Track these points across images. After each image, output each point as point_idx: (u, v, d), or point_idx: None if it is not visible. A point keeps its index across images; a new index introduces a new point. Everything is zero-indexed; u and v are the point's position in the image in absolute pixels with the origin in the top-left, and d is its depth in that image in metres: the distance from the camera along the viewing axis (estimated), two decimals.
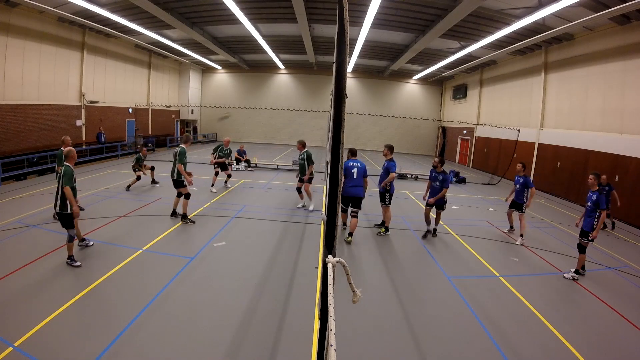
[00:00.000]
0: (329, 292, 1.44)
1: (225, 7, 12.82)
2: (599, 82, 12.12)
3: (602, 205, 5.58)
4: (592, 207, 5.67)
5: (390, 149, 7.43)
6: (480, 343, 3.94)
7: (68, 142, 6.75)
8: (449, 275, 5.67)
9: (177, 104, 26.07)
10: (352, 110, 24.44)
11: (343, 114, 1.57)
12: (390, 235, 7.45)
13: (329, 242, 1.64)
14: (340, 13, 1.64)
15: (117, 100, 19.04)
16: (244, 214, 8.33)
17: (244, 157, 15.45)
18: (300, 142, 8.87)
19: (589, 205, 5.73)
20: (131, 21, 14.77)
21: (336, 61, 1.76)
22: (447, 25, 12.80)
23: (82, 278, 4.72)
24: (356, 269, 5.67)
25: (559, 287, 5.54)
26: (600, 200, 5.59)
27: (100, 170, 13.52)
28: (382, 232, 7.41)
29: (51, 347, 3.35)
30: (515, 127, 16.78)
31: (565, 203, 12.66)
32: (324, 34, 17.01)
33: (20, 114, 13.11)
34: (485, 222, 9.08)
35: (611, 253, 7.37)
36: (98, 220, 7.22)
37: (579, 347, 3.90)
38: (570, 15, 10.83)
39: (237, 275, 5.17)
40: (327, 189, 1.72)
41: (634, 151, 10.43)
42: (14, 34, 12.58)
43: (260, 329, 3.89)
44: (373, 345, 3.76)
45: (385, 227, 7.43)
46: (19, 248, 5.68)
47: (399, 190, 12.70)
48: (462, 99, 24.46)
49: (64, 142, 6.71)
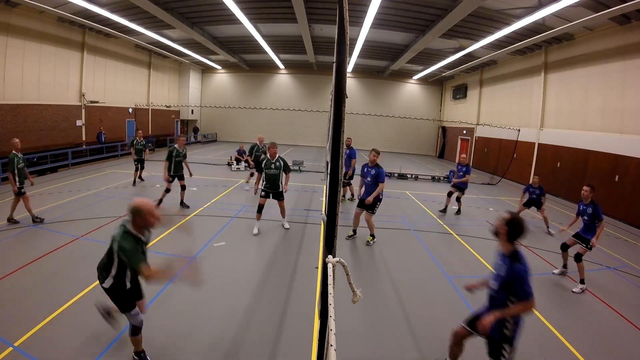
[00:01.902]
0: (329, 292, 1.44)
1: (225, 7, 12.82)
2: (599, 82, 12.12)
3: (600, 217, 5.31)
4: (591, 220, 5.37)
5: (378, 153, 6.83)
6: (480, 343, 3.94)
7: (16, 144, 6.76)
8: (449, 275, 5.67)
9: (177, 104, 26.08)
10: (352, 110, 24.45)
11: (343, 114, 1.57)
12: (390, 235, 7.44)
13: (329, 242, 1.64)
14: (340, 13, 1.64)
15: (117, 100, 19.04)
16: (244, 214, 8.33)
17: (244, 157, 15.44)
18: (274, 144, 7.06)
19: (586, 219, 5.42)
20: (131, 21, 14.77)
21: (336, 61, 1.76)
22: (447, 25, 12.80)
23: (82, 278, 4.72)
24: (356, 269, 5.67)
25: (558, 287, 5.54)
26: (598, 213, 5.31)
27: (100, 170, 13.52)
28: (370, 240, 6.86)
29: (51, 347, 3.35)
30: (515, 127, 16.78)
31: (565, 203, 12.66)
32: (324, 34, 17.01)
33: (20, 114, 13.12)
34: (485, 222, 9.08)
35: (611, 253, 7.37)
36: (98, 220, 7.22)
37: (579, 347, 3.90)
38: (570, 15, 10.83)
39: (237, 275, 5.17)
40: (327, 189, 1.72)
41: (634, 151, 10.43)
42: (14, 34, 12.58)
43: (260, 329, 3.89)
44: (373, 345, 3.76)
45: (372, 234, 6.91)
46: (19, 248, 5.68)
47: (399, 190, 12.71)
48: (462, 99, 24.46)
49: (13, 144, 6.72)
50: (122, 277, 3.03)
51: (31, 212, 6.86)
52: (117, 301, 3.11)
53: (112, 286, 3.04)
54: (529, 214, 10.30)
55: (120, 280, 3.03)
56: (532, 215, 10.13)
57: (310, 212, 8.87)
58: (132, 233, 2.90)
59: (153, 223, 2.94)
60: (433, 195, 12.17)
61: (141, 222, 2.91)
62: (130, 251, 2.83)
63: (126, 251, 2.82)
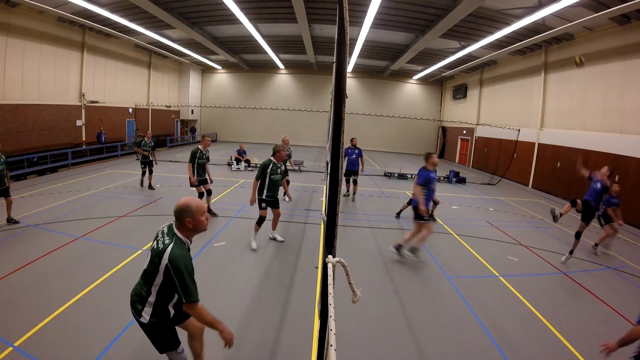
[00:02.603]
0: (329, 292, 1.44)
1: (225, 7, 12.82)
2: (599, 82, 12.12)
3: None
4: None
5: None
6: (480, 343, 3.94)
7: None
8: (449, 275, 5.67)
9: (177, 104, 26.08)
10: (352, 110, 24.45)
11: (343, 114, 1.57)
12: (390, 235, 7.45)
13: (329, 242, 1.64)
14: (340, 13, 1.64)
15: (117, 100, 19.04)
16: (244, 214, 8.33)
17: (243, 157, 15.46)
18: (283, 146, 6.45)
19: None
20: (131, 21, 14.77)
21: (336, 61, 1.76)
22: (447, 25, 12.80)
23: (82, 278, 4.72)
24: (356, 269, 5.67)
25: (558, 287, 5.54)
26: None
27: (100, 170, 13.52)
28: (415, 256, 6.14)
29: (51, 347, 3.35)
30: (515, 127, 16.78)
31: (565, 203, 12.62)
32: (324, 34, 17.01)
33: (20, 114, 13.12)
34: (485, 222, 9.07)
35: (611, 253, 7.37)
36: (98, 220, 7.22)
37: (579, 347, 3.90)
38: (570, 15, 10.83)
39: (237, 275, 5.17)
40: (327, 189, 1.72)
41: (634, 151, 10.43)
42: (14, 34, 12.58)
43: (260, 329, 3.89)
44: (373, 345, 3.76)
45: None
46: (19, 248, 5.68)
47: (399, 190, 12.71)
48: (462, 99, 24.46)
49: None
50: (165, 302, 2.35)
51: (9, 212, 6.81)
52: (160, 339, 2.44)
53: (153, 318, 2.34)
54: (528, 215, 10.30)
55: (162, 308, 2.35)
56: (532, 215, 10.11)
57: (310, 212, 8.87)
58: (184, 241, 2.34)
59: (205, 223, 2.39)
60: None
61: (191, 225, 2.34)
62: (189, 267, 2.24)
63: (187, 267, 2.21)
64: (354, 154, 10.13)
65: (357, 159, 10.17)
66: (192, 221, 2.32)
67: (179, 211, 2.33)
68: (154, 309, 2.34)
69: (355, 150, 10.16)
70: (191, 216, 2.31)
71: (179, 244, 2.29)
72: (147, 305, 2.33)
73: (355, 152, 10.15)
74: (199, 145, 7.60)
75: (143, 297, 2.35)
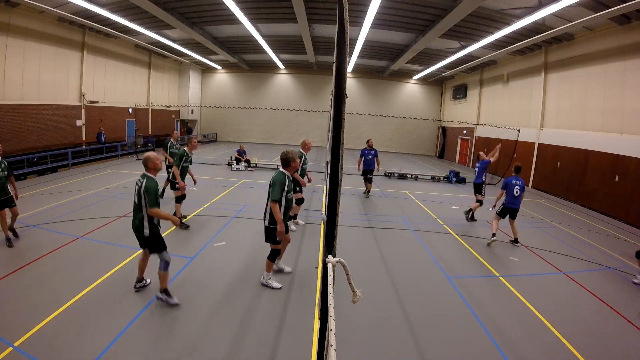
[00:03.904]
0: (329, 292, 1.44)
1: (225, 7, 12.83)
2: (599, 82, 12.12)
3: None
4: None
5: None
6: (480, 343, 3.94)
7: None
8: (449, 275, 5.67)
9: (177, 104, 26.07)
10: (352, 110, 24.44)
11: (343, 114, 1.57)
12: (390, 235, 7.44)
13: (329, 242, 1.64)
14: (340, 13, 1.64)
15: (117, 100, 19.04)
16: (244, 214, 8.33)
17: (243, 157, 15.45)
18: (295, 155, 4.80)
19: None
20: (131, 21, 14.77)
21: (336, 61, 1.76)
22: (447, 25, 12.80)
23: (82, 278, 4.72)
24: (356, 269, 5.66)
25: (558, 287, 5.54)
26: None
27: (100, 170, 13.52)
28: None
29: (51, 347, 3.35)
30: (515, 127, 16.77)
31: (565, 203, 12.66)
32: (324, 34, 17.00)
33: (20, 114, 13.11)
34: (485, 222, 9.08)
35: (611, 253, 7.37)
36: (98, 220, 7.22)
37: (579, 347, 3.90)
38: (570, 15, 10.83)
39: (237, 275, 5.17)
40: (327, 189, 1.72)
41: (634, 151, 10.43)
42: (14, 34, 12.58)
43: (260, 329, 3.89)
44: (373, 345, 3.76)
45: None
46: (19, 248, 5.68)
47: (399, 190, 12.71)
48: (462, 99, 24.46)
49: None
50: (152, 218, 3.95)
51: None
52: (158, 244, 4.05)
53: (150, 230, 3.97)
54: (529, 215, 10.30)
55: (151, 222, 3.99)
56: (532, 215, 10.11)
57: (310, 212, 8.87)
58: (152, 177, 4.00)
59: (160, 165, 4.13)
60: (433, 195, 12.17)
61: (152, 166, 4.04)
62: (156, 190, 3.93)
63: (155, 190, 3.90)
64: (370, 155, 10.62)
65: (373, 159, 10.64)
66: (152, 164, 4.07)
67: (144, 161, 4.06)
68: (149, 225, 4.01)
69: (372, 151, 10.65)
70: (151, 161, 4.06)
71: (149, 179, 3.98)
72: (144, 224, 3.99)
73: (372, 152, 10.64)
74: (185, 148, 7.15)
75: (140, 220, 4.01)
